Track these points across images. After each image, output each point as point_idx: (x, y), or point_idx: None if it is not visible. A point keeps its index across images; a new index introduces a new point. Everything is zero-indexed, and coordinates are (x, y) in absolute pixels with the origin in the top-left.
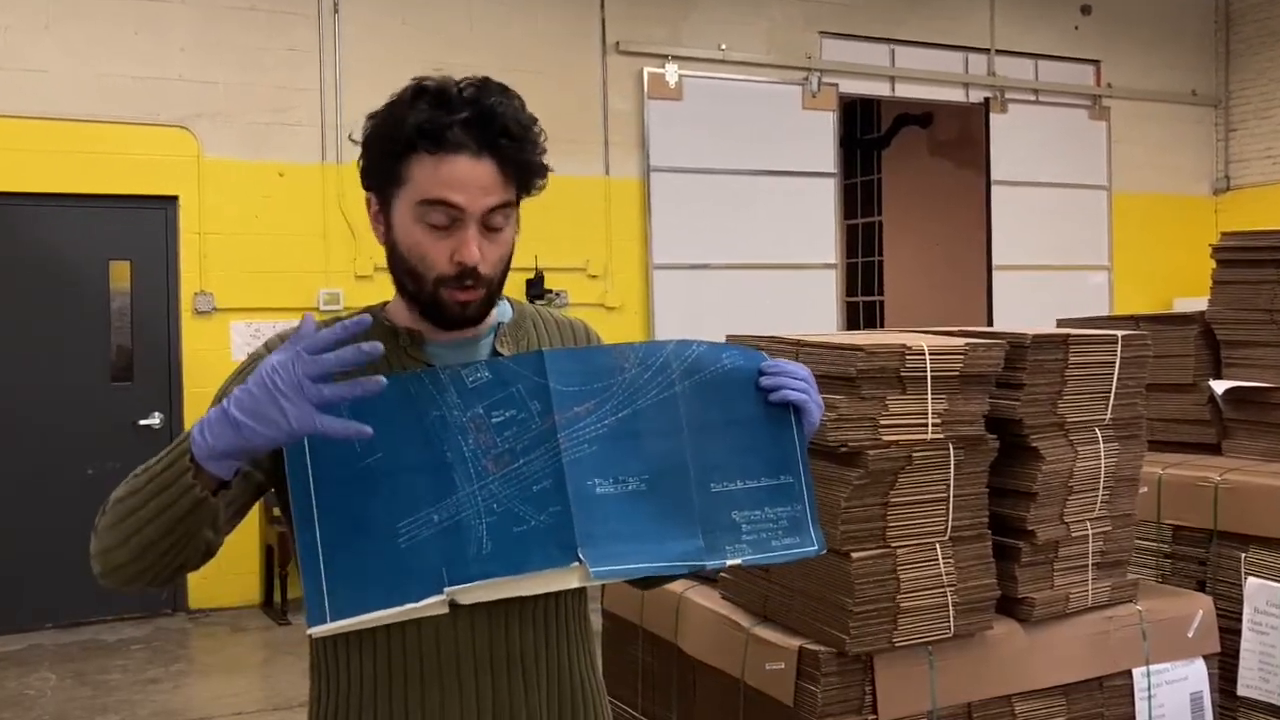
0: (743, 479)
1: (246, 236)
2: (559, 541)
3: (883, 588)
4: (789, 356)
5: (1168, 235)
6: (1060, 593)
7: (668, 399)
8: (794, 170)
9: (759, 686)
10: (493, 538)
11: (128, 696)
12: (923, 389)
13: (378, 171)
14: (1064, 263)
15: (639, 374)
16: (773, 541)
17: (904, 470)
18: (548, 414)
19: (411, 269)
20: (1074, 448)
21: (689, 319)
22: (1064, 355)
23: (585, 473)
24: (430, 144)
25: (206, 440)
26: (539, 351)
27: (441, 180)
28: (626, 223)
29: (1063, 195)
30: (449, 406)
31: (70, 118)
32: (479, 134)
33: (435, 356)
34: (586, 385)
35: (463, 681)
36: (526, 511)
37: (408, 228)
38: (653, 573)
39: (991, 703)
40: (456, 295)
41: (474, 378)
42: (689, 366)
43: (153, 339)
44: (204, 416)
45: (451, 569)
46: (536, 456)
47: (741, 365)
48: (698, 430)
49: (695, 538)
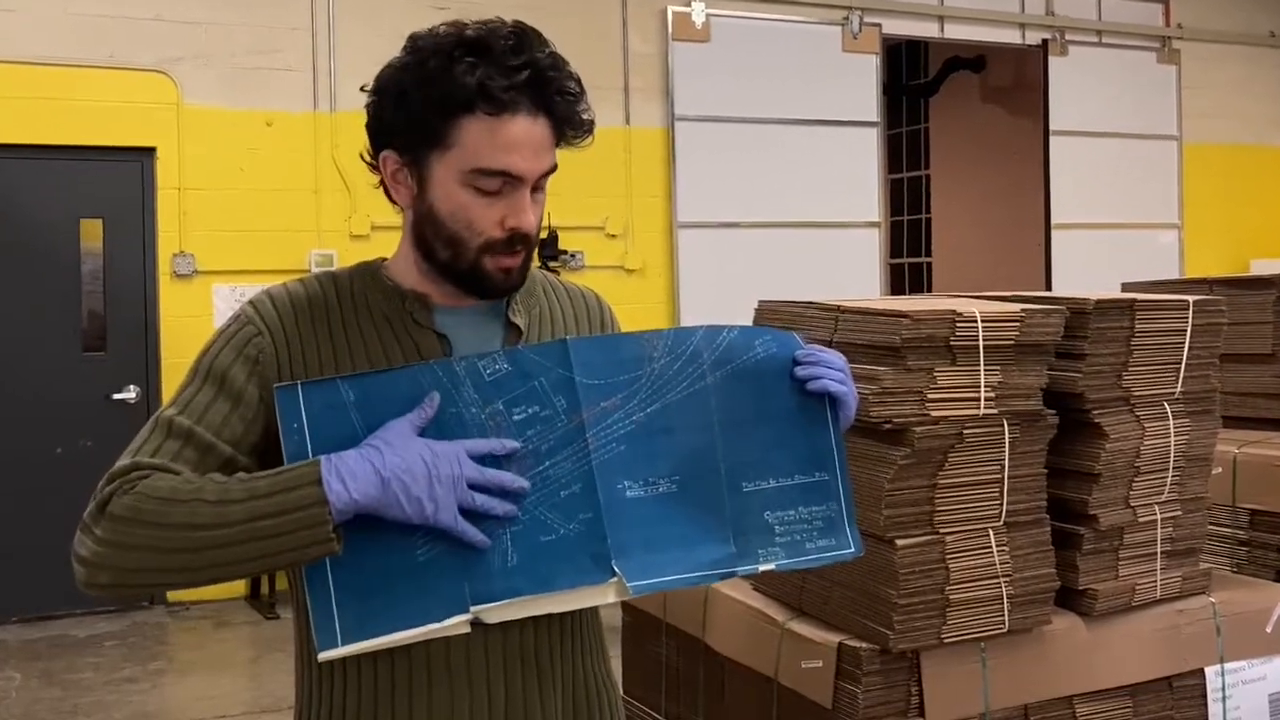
0: (776, 477)
1: (230, 192)
2: (591, 553)
3: (930, 578)
4: (827, 324)
5: (1243, 190)
6: (1125, 584)
7: (698, 391)
8: (833, 119)
9: (794, 687)
10: (519, 549)
11: (101, 698)
12: (974, 360)
13: (413, 129)
14: (1129, 220)
15: (668, 364)
16: (807, 544)
17: (954, 449)
18: (575, 411)
19: (453, 235)
20: (1141, 424)
21: (716, 283)
22: (1130, 322)
23: (615, 475)
24: (490, 105)
25: (349, 492)
26: (562, 340)
27: (499, 145)
28: (648, 177)
29: (1128, 146)
30: (466, 403)
31: (36, 61)
32: (535, 94)
33: (444, 325)
34: (613, 377)
35: (473, 685)
36: (554, 519)
37: (451, 192)
38: (686, 584)
39: (1050, 704)
40: (503, 261)
41: (492, 370)
42: (720, 355)
43: (127, 305)
44: (335, 460)
45: (475, 584)
46: (564, 458)
47: (775, 353)
48: (729, 425)
49: (727, 542)
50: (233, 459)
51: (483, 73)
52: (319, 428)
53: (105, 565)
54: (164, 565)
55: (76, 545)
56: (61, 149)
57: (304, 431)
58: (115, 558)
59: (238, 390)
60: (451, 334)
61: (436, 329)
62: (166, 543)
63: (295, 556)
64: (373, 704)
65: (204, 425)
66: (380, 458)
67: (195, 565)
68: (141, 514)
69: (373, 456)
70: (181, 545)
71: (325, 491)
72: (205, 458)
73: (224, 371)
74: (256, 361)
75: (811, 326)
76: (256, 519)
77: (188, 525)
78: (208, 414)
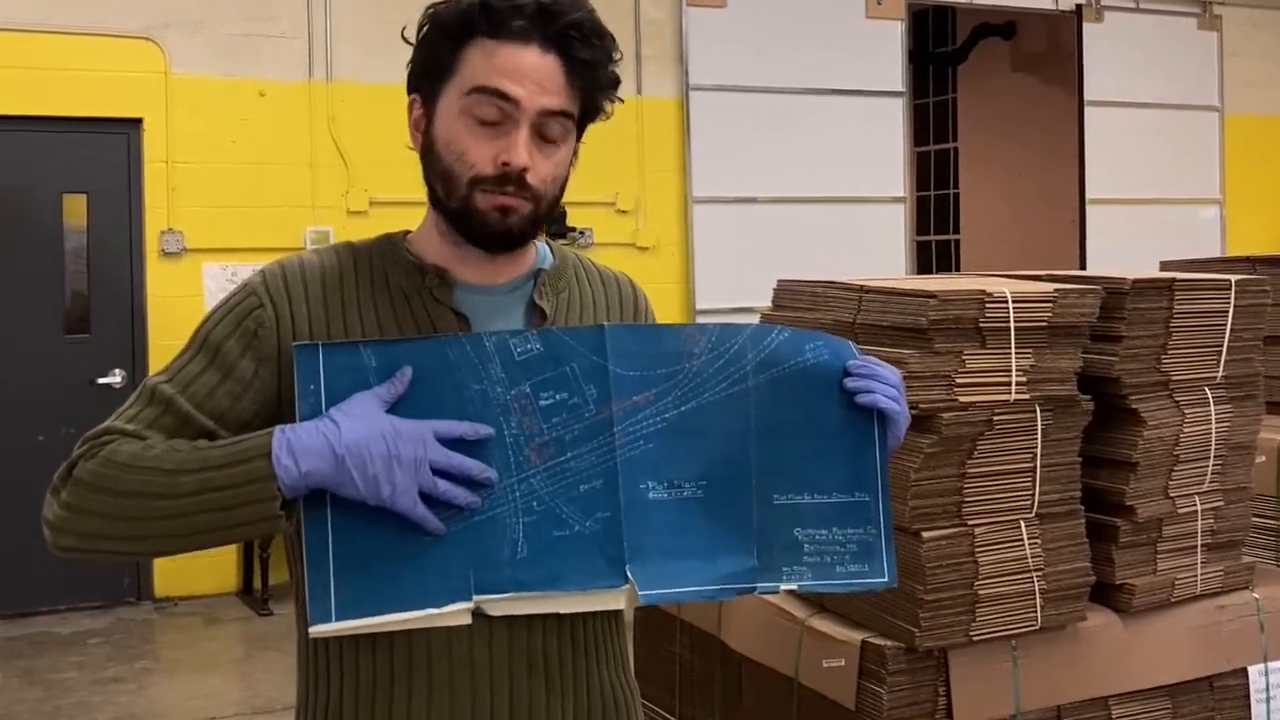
0: (811, 492)
1: (221, 166)
2: (605, 554)
3: (959, 573)
4: (849, 305)
5: None
6: (1164, 578)
7: (738, 394)
8: (856, 89)
9: (815, 687)
10: (529, 540)
11: (85, 698)
12: (1005, 342)
13: (429, 61)
14: (1168, 196)
15: (709, 362)
16: (837, 567)
17: (983, 436)
18: (605, 402)
19: (446, 169)
20: (1180, 410)
21: (733, 261)
22: (1169, 303)
23: (639, 474)
24: (491, 27)
25: (298, 466)
26: (600, 326)
27: (497, 67)
28: (662, 150)
29: (1167, 117)
30: (492, 381)
31: (14, 27)
32: (546, 26)
33: (464, 303)
34: (649, 370)
35: (476, 688)
36: (570, 514)
37: (450, 121)
38: (702, 598)
39: (1084, 706)
40: (494, 199)
41: (523, 349)
42: (766, 358)
43: (113, 285)
44: (288, 433)
45: (480, 572)
46: (587, 451)
47: (826, 361)
48: (767, 433)
49: (750, 556)
50: (211, 432)
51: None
52: (335, 391)
53: (68, 529)
54: (119, 533)
55: (45, 508)
56: (42, 120)
57: (319, 394)
58: (76, 522)
59: (230, 363)
60: (471, 313)
61: (456, 307)
62: (121, 510)
63: (246, 531)
64: (370, 697)
65: (187, 395)
66: (337, 432)
67: (148, 534)
68: (101, 479)
69: (328, 430)
70: (135, 513)
71: (274, 465)
72: (182, 428)
73: (219, 343)
74: (255, 335)
75: (833, 307)
76: (207, 490)
77: (142, 494)
78: (194, 385)
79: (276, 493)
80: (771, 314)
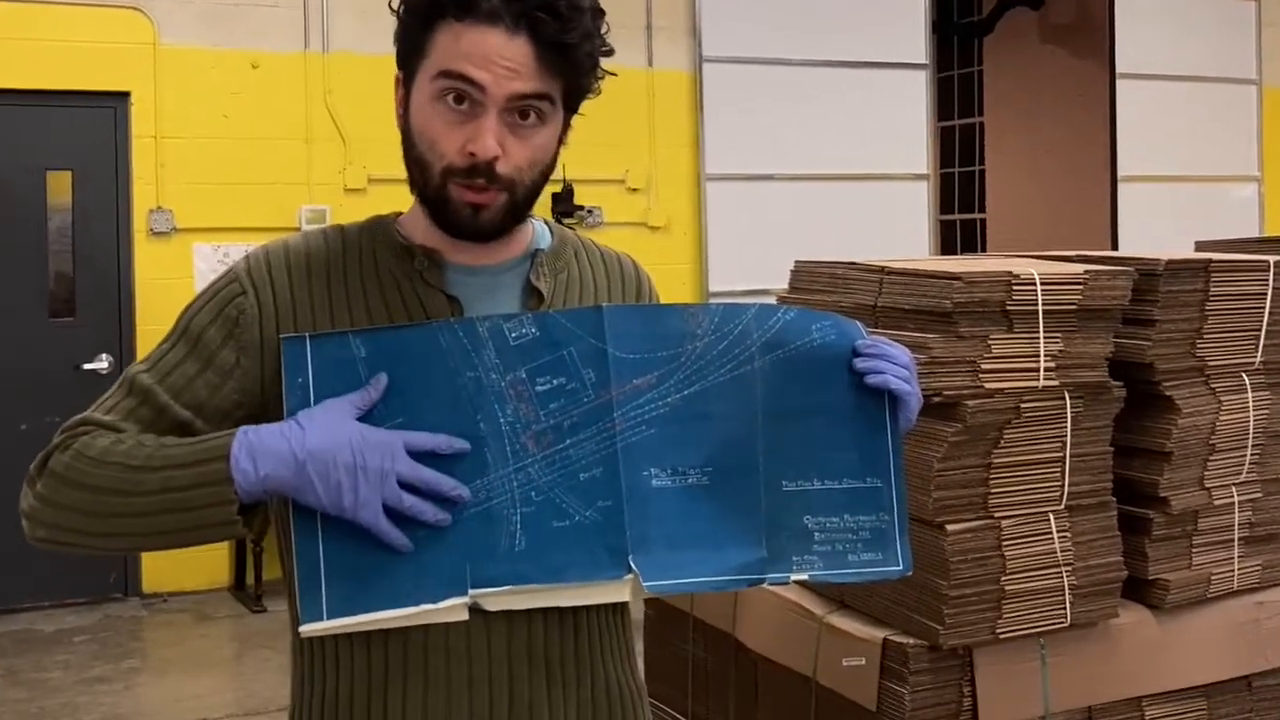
0: (821, 478)
1: (212, 141)
2: (607, 545)
3: (984, 567)
4: (870, 287)
5: None
6: (1200, 573)
7: (743, 376)
8: (877, 61)
9: (834, 687)
10: (528, 532)
11: (70, 699)
12: (1033, 326)
13: (405, 41)
14: (1204, 173)
15: (712, 343)
16: (849, 555)
17: (1010, 424)
18: (604, 386)
19: (419, 156)
20: (1216, 397)
21: (748, 241)
22: (1204, 285)
23: (641, 461)
24: (458, 9)
25: (256, 470)
26: (598, 307)
27: (463, 51)
28: (674, 125)
29: (1203, 91)
30: (486, 367)
31: None
32: (517, 5)
33: (456, 284)
34: (650, 353)
35: (474, 684)
36: (570, 504)
37: (422, 107)
38: (709, 588)
39: (1116, 707)
40: (465, 194)
41: (518, 333)
42: (772, 338)
43: (99, 266)
44: (250, 435)
45: (476, 566)
46: (587, 437)
47: (834, 341)
48: (774, 416)
49: (758, 545)
50: (188, 423)
51: None
52: (325, 384)
53: (41, 521)
54: (89, 528)
55: (21, 497)
56: (25, 94)
57: (308, 387)
58: (48, 515)
59: (210, 353)
60: (463, 296)
61: (447, 290)
62: (89, 505)
63: (204, 534)
64: (365, 692)
65: (165, 386)
66: (301, 437)
67: (114, 530)
68: (72, 473)
69: (292, 435)
70: (102, 509)
71: (232, 468)
72: (159, 419)
73: (199, 332)
74: (236, 324)
75: (853, 290)
76: (169, 490)
77: (108, 490)
78: (173, 375)
79: (234, 496)
80: (788, 296)
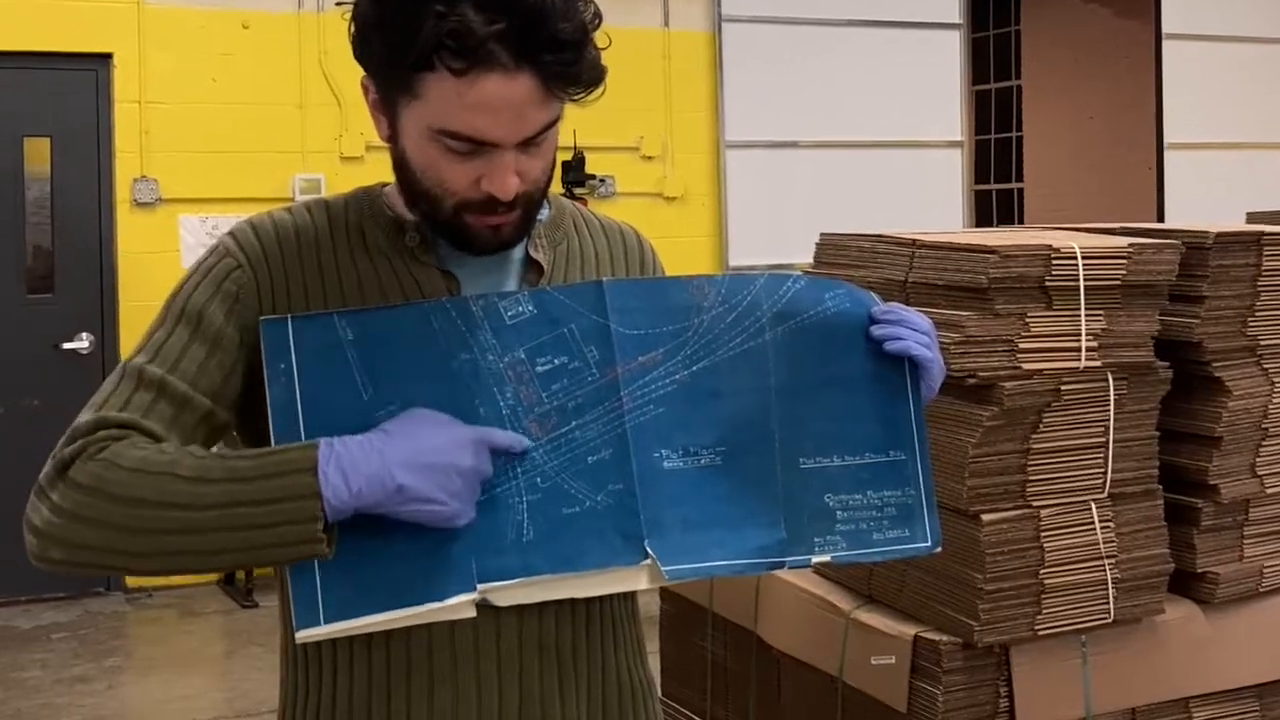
0: (841, 454)
1: (200, 106)
2: (621, 530)
3: (1022, 560)
4: (900, 261)
5: None
6: (1252, 566)
7: (754, 349)
8: (907, 20)
9: (862, 687)
10: (535, 521)
11: (49, 700)
12: (1074, 303)
13: (381, 67)
14: (1256, 140)
15: (720, 316)
16: (874, 534)
17: (1050, 408)
18: (608, 364)
19: (426, 191)
20: (1269, 379)
21: (770, 212)
22: (1257, 259)
23: (651, 442)
24: (455, 60)
25: (348, 487)
26: (598, 282)
27: (467, 107)
28: (691, 89)
29: (1255, 52)
30: (482, 349)
31: None
32: (518, 45)
33: (450, 260)
34: (655, 328)
35: (482, 677)
36: (579, 489)
37: (421, 145)
38: (729, 572)
39: (1162, 708)
40: (486, 220)
41: (515, 312)
42: (783, 308)
43: (79, 238)
44: (338, 450)
45: (483, 560)
46: (593, 419)
47: (848, 309)
48: (788, 390)
49: (777, 527)
50: (211, 413)
51: (453, 22)
52: (310, 370)
53: (59, 539)
54: (124, 547)
55: (30, 511)
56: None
57: (292, 373)
58: (71, 532)
59: (215, 331)
60: (459, 271)
61: (442, 266)
62: (131, 521)
63: (277, 554)
64: (366, 697)
65: (178, 374)
66: (393, 455)
67: (159, 550)
68: (105, 484)
69: (385, 446)
70: (147, 525)
71: (320, 483)
72: (181, 413)
73: (199, 310)
74: (236, 298)
75: (882, 264)
76: (234, 504)
77: (157, 503)
78: (182, 360)
79: (319, 514)
80: (813, 270)
